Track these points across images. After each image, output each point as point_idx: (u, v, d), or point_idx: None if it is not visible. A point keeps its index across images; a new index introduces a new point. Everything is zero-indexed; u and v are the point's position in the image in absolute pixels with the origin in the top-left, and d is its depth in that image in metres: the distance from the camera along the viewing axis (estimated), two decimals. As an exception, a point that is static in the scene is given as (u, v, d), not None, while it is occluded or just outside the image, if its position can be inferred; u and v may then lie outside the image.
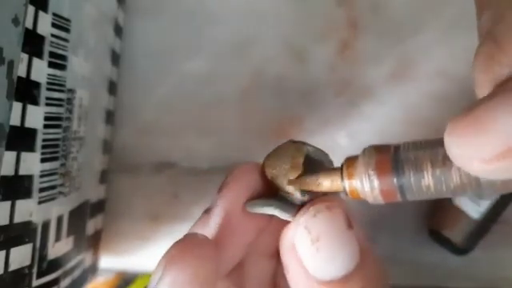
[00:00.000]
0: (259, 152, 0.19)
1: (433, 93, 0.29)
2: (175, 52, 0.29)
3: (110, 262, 0.30)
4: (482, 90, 0.13)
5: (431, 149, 0.14)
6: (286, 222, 0.17)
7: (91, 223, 0.26)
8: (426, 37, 0.29)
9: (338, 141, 0.29)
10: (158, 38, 0.30)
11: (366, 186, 0.15)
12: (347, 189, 0.16)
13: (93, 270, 0.28)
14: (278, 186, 0.17)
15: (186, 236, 0.16)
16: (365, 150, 0.15)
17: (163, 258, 0.16)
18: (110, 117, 0.28)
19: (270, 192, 0.17)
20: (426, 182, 0.14)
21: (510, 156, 0.11)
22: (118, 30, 0.28)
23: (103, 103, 0.26)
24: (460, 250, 0.27)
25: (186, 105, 0.29)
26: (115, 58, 0.28)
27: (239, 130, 0.29)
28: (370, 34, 0.29)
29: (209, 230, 0.17)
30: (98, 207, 0.28)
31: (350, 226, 0.16)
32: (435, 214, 0.28)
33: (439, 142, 0.14)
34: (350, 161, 0.16)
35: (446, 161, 0.13)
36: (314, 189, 0.16)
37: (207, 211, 0.18)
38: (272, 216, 0.17)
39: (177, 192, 0.30)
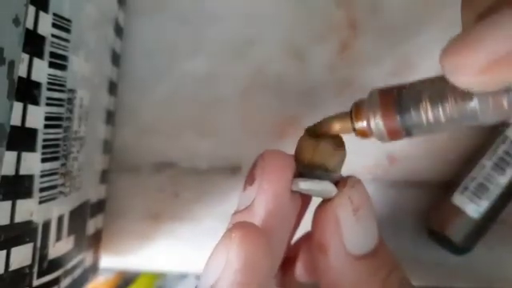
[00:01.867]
0: (259, 152, 0.19)
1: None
2: (175, 52, 0.29)
3: (111, 261, 0.30)
4: (463, 17, 0.14)
5: (429, 85, 0.15)
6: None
7: (92, 223, 0.26)
8: (425, 37, 0.29)
9: (338, 141, 0.29)
10: (158, 38, 0.30)
11: (373, 126, 0.16)
12: (356, 129, 0.17)
13: (93, 269, 0.28)
14: (317, 166, 0.18)
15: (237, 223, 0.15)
16: (370, 94, 0.17)
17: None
18: (110, 117, 0.28)
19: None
20: (425, 115, 0.15)
21: (494, 68, 0.12)
22: (119, 30, 0.28)
23: (103, 103, 0.26)
24: (459, 250, 0.27)
25: (185, 105, 0.30)
26: (115, 58, 0.28)
27: (239, 130, 0.29)
28: (370, 34, 0.29)
29: (256, 218, 0.17)
30: (99, 207, 0.28)
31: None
32: (435, 214, 0.28)
33: (436, 79, 0.15)
34: (357, 104, 0.17)
35: (441, 93, 0.15)
36: (328, 131, 0.18)
37: (244, 208, 0.17)
38: (310, 197, 0.19)
39: (177, 192, 0.30)
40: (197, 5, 0.29)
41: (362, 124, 0.17)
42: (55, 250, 0.21)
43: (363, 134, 0.17)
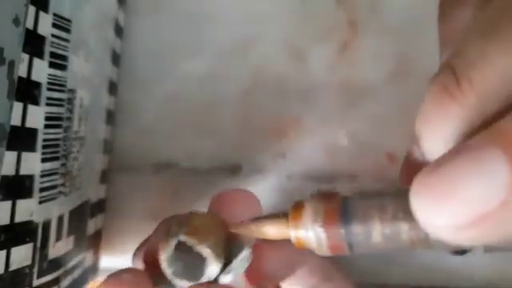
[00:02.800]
0: (259, 152, 0.19)
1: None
2: (175, 52, 0.29)
3: (111, 261, 0.30)
4: (429, 125, 0.12)
5: (380, 203, 0.13)
6: None
7: (92, 223, 0.26)
8: (425, 37, 0.29)
9: (338, 141, 0.29)
10: (158, 38, 0.30)
11: (313, 238, 0.14)
12: (292, 237, 0.15)
13: (93, 269, 0.28)
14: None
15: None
16: (312, 197, 0.15)
17: None
18: (110, 117, 0.28)
19: None
20: (375, 239, 0.13)
21: (478, 225, 0.10)
22: (119, 31, 0.28)
23: (103, 103, 0.26)
24: (459, 251, 0.27)
25: (186, 105, 0.30)
26: (115, 58, 0.28)
27: (239, 130, 0.29)
28: (370, 34, 0.29)
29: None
30: (99, 207, 0.28)
31: None
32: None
33: (390, 196, 0.13)
34: (297, 208, 0.15)
35: (395, 219, 0.13)
36: (260, 236, 0.15)
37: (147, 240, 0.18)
38: None
39: (177, 192, 0.30)
40: (197, 5, 0.29)
41: (300, 233, 0.14)
42: (55, 250, 0.21)
43: (300, 243, 0.15)
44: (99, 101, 0.26)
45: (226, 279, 0.16)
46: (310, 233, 0.14)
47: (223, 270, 0.16)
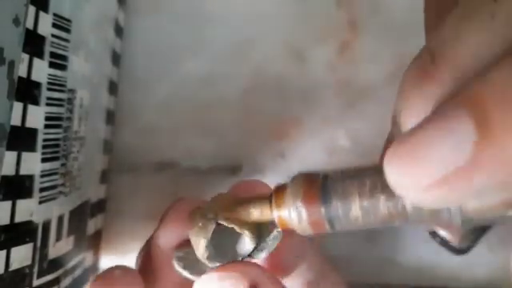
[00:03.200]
0: (259, 152, 0.19)
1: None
2: (175, 52, 0.30)
3: (111, 261, 0.30)
4: (406, 103, 0.12)
5: (359, 179, 0.14)
6: None
7: (92, 223, 0.26)
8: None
9: (338, 141, 0.29)
10: (159, 38, 0.30)
11: (294, 216, 0.15)
12: (276, 218, 0.15)
13: (93, 269, 0.28)
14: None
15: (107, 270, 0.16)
16: (293, 179, 0.15)
17: None
18: (110, 117, 0.28)
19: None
20: (354, 214, 0.14)
21: (445, 185, 0.10)
22: (119, 31, 0.28)
23: (104, 103, 0.26)
24: (459, 250, 0.27)
25: (186, 105, 0.30)
26: (115, 58, 0.28)
27: (239, 130, 0.29)
28: (370, 34, 0.29)
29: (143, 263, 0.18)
30: (99, 207, 0.28)
31: None
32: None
33: (367, 171, 0.14)
34: (279, 190, 0.15)
35: (373, 191, 0.13)
36: (245, 218, 0.16)
37: (148, 243, 0.19)
38: None
39: (177, 192, 0.30)
40: (197, 5, 0.29)
41: (282, 213, 0.15)
42: (55, 250, 0.21)
43: (283, 224, 0.15)
44: (99, 101, 0.26)
45: (260, 256, 0.16)
46: (291, 212, 0.15)
47: (255, 248, 0.16)
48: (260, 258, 0.17)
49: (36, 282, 0.19)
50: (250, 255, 0.16)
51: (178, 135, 0.30)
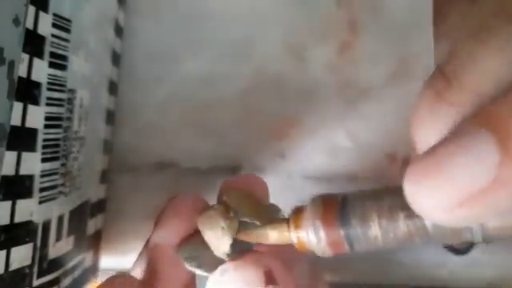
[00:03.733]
0: (259, 152, 0.19)
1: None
2: (175, 52, 0.29)
3: (111, 261, 0.30)
4: (422, 129, 0.12)
5: (378, 199, 0.14)
6: None
7: (92, 223, 0.26)
8: (425, 37, 0.29)
9: (338, 141, 0.29)
10: (159, 38, 0.30)
11: (313, 237, 0.14)
12: (294, 240, 0.15)
13: (93, 269, 0.28)
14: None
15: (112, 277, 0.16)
16: (312, 201, 0.15)
17: None
18: (110, 117, 0.28)
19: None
20: (374, 233, 0.14)
21: (468, 205, 0.10)
22: (119, 31, 0.28)
23: (104, 103, 0.26)
24: (459, 250, 0.27)
25: (186, 105, 0.30)
26: (115, 58, 0.28)
27: (239, 130, 0.29)
28: (370, 34, 0.29)
29: (144, 265, 0.18)
30: (99, 207, 0.28)
31: (270, 282, 0.15)
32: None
33: (386, 192, 0.14)
34: (298, 211, 0.15)
35: (392, 211, 0.13)
36: (263, 241, 0.16)
37: (147, 243, 0.18)
38: None
39: (177, 192, 0.30)
40: (197, 5, 0.29)
41: (301, 234, 0.15)
42: (55, 250, 0.21)
43: (302, 246, 0.15)
44: (99, 101, 0.26)
45: None
46: (310, 234, 0.14)
47: None
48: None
49: (36, 282, 0.19)
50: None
51: (178, 135, 0.30)
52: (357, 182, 0.29)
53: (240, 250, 0.17)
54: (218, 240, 0.16)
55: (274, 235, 0.16)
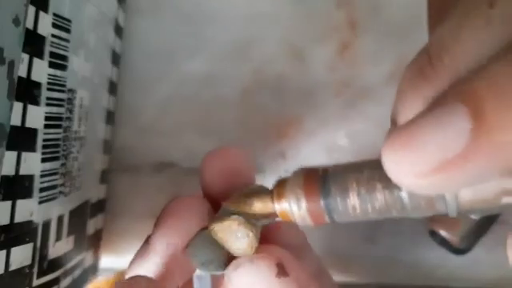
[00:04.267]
0: (259, 152, 0.19)
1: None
2: (175, 52, 0.30)
3: (111, 261, 0.30)
4: (403, 103, 0.13)
5: (358, 171, 0.14)
6: None
7: (91, 223, 0.26)
8: (425, 37, 0.29)
9: (338, 141, 0.29)
10: (159, 38, 0.30)
11: (294, 207, 0.15)
12: (277, 210, 0.16)
13: (93, 269, 0.28)
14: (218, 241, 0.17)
15: (130, 279, 0.16)
16: (294, 173, 0.16)
17: None
18: (110, 117, 0.28)
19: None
20: (352, 202, 0.14)
21: (442, 171, 0.11)
22: (119, 31, 0.28)
23: (103, 103, 0.26)
24: (459, 250, 0.27)
25: (186, 105, 0.30)
26: (115, 58, 0.28)
27: (239, 130, 0.29)
28: (370, 34, 0.29)
29: (147, 265, 0.17)
30: (99, 207, 0.28)
31: (281, 274, 0.16)
32: (435, 214, 0.28)
33: (365, 164, 0.14)
34: (281, 183, 0.16)
35: (370, 181, 0.14)
36: (248, 211, 0.16)
37: (147, 241, 0.18)
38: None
39: (177, 192, 0.30)
40: (197, 5, 0.29)
41: (283, 204, 0.16)
42: (55, 249, 0.21)
43: (284, 215, 0.16)
44: (99, 101, 0.26)
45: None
46: (292, 205, 0.15)
47: None
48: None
49: (36, 282, 0.19)
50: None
51: (178, 135, 0.30)
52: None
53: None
54: (243, 245, 0.17)
55: (258, 205, 0.16)
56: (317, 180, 0.15)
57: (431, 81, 0.12)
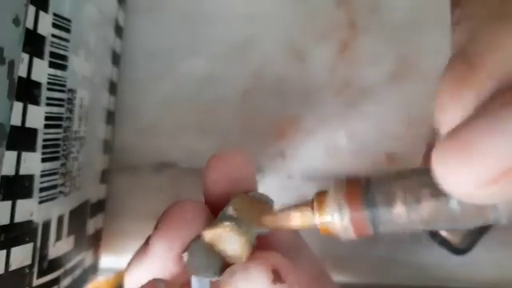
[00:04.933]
0: (259, 152, 0.19)
1: (432, 93, 0.29)
2: (175, 52, 0.29)
3: (111, 261, 0.30)
4: (446, 114, 0.12)
5: (402, 179, 0.14)
6: None
7: (92, 223, 0.26)
8: (425, 37, 0.29)
9: (338, 141, 0.29)
10: (159, 38, 0.30)
11: (337, 220, 0.15)
12: (318, 224, 0.15)
13: (93, 269, 0.28)
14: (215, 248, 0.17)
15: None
16: (335, 183, 0.15)
17: None
18: (110, 117, 0.28)
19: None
20: (397, 211, 0.13)
21: (500, 181, 0.10)
22: (119, 30, 0.28)
23: (103, 103, 0.26)
24: (459, 250, 0.27)
25: (186, 105, 0.30)
26: (115, 58, 0.28)
27: (239, 130, 0.29)
28: (370, 34, 0.29)
29: (146, 266, 0.18)
30: (99, 207, 0.28)
31: (277, 280, 0.16)
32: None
33: (410, 173, 0.14)
34: (321, 195, 0.15)
35: (417, 191, 0.13)
36: (286, 225, 0.16)
37: (147, 242, 0.18)
38: None
39: (177, 192, 0.30)
40: (197, 5, 0.29)
41: (325, 217, 0.15)
42: (55, 249, 0.21)
43: (325, 228, 0.15)
44: (99, 101, 0.26)
45: None
46: (334, 217, 0.15)
47: None
48: None
49: (36, 282, 0.19)
50: None
51: (178, 135, 0.30)
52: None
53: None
54: (235, 252, 0.16)
55: (297, 220, 0.16)
56: (360, 189, 0.14)
57: (474, 88, 0.11)
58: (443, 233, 0.27)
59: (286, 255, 0.17)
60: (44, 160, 0.19)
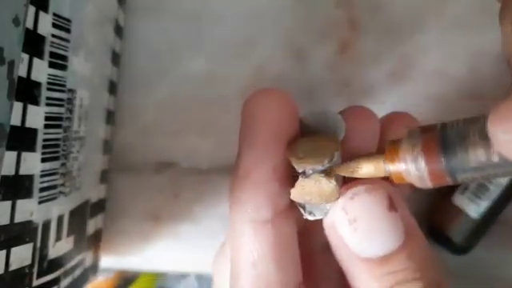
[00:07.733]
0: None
1: (432, 93, 0.29)
2: (175, 52, 0.29)
3: (111, 261, 0.30)
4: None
5: (477, 121, 0.13)
6: None
7: (91, 223, 0.26)
8: (425, 37, 0.29)
9: (338, 141, 0.29)
10: (159, 38, 0.30)
11: (412, 168, 0.14)
12: (391, 173, 0.15)
13: (93, 269, 0.28)
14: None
15: None
16: (410, 131, 0.14)
17: None
18: (110, 117, 0.28)
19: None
20: (476, 160, 0.13)
21: None
22: (119, 30, 0.28)
23: (103, 103, 0.26)
24: (459, 250, 0.27)
25: (186, 105, 0.30)
26: (115, 58, 0.28)
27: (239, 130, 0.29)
28: (370, 34, 0.29)
29: (245, 197, 0.18)
30: (99, 207, 0.28)
31: (392, 208, 0.16)
32: (435, 214, 0.28)
33: (483, 118, 0.13)
34: (394, 143, 0.15)
35: (486, 135, 0.12)
36: (355, 175, 0.16)
37: (237, 164, 0.18)
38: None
39: (177, 192, 0.30)
40: (197, 5, 0.29)
41: (398, 166, 0.14)
42: (55, 249, 0.21)
43: (399, 178, 0.14)
44: (99, 101, 0.26)
45: None
46: (409, 165, 0.14)
47: None
48: None
49: (36, 282, 0.19)
50: None
51: (178, 135, 0.30)
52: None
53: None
54: (327, 197, 0.16)
55: (369, 168, 0.15)
56: (435, 137, 0.13)
57: None
58: (444, 232, 0.27)
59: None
60: (44, 160, 0.19)
